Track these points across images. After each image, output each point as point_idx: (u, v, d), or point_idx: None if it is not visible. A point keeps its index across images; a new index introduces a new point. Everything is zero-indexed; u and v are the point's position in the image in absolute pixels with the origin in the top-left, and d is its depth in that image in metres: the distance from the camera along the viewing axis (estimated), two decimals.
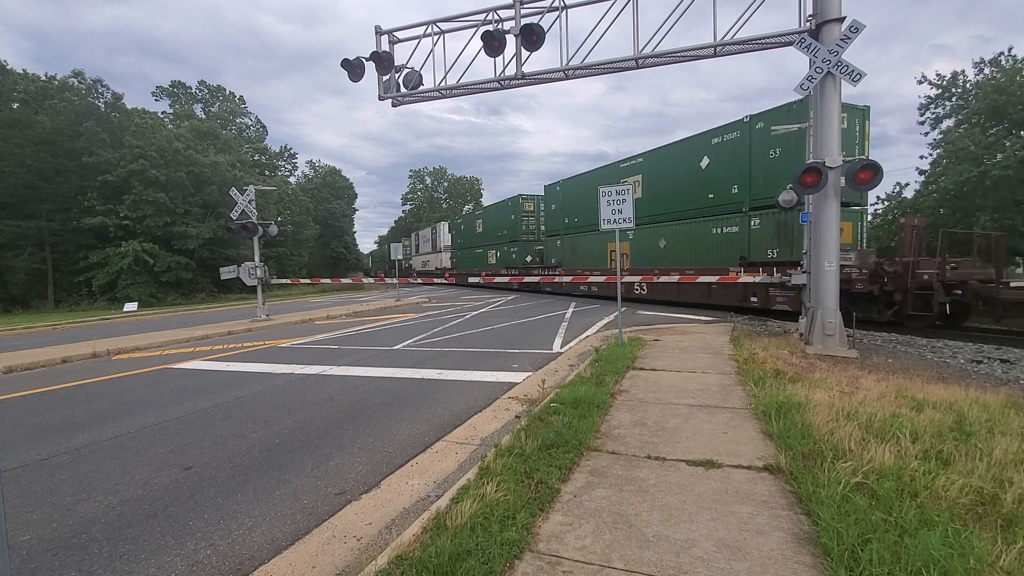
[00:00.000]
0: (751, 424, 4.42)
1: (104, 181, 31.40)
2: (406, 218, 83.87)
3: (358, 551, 2.89)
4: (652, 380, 6.18)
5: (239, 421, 5.50)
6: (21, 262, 29.33)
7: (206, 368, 8.74)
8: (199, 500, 3.64)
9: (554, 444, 3.89)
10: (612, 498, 3.13)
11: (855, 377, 5.91)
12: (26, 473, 4.26)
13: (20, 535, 3.22)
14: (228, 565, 2.85)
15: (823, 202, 7.92)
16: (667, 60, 9.08)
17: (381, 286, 39.36)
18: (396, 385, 6.94)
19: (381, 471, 4.07)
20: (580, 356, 8.29)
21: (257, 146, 52.01)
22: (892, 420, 4.05)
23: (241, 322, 15.77)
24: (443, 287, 35.09)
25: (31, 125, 29.39)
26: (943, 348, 8.84)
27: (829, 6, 7.68)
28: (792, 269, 10.36)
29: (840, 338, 7.93)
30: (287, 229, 40.46)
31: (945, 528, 2.45)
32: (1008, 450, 3.44)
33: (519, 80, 9.72)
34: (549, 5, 9.26)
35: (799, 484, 3.10)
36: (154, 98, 49.43)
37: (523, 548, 2.59)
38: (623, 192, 8.51)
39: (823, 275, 7.98)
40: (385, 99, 10.74)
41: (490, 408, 5.66)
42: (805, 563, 2.40)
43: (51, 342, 12.99)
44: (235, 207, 17.02)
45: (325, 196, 62.23)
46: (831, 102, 7.77)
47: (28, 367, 9.51)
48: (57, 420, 5.82)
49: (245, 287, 20.62)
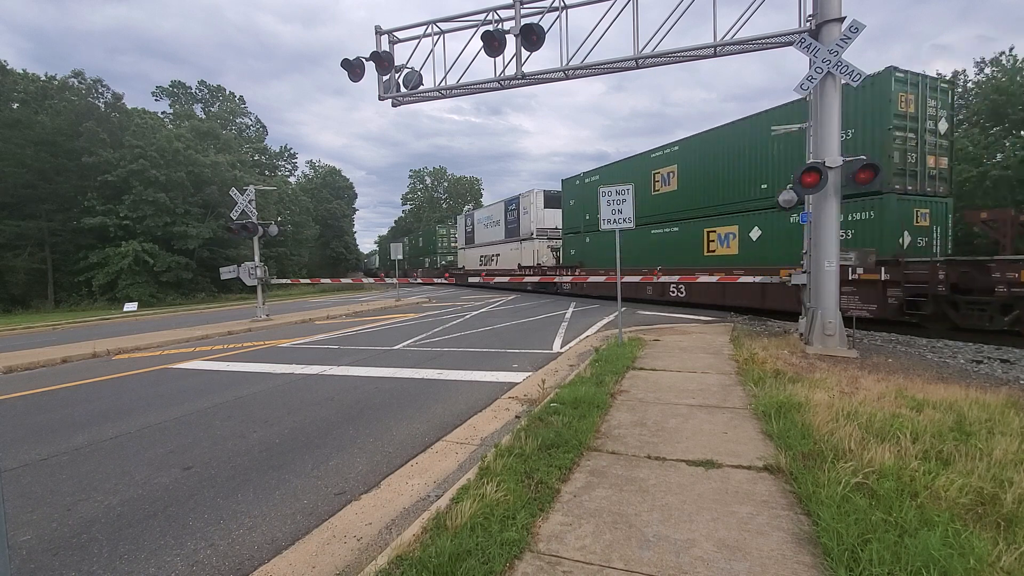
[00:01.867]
0: (751, 424, 4.42)
1: (104, 181, 31.40)
2: (406, 218, 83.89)
3: (358, 551, 2.89)
4: (652, 380, 6.18)
5: (239, 421, 5.50)
6: (21, 262, 29.32)
7: (206, 368, 8.74)
8: (199, 500, 3.64)
9: (554, 444, 3.89)
10: (612, 498, 3.13)
11: (855, 377, 5.91)
12: (26, 473, 4.26)
13: (20, 535, 3.22)
14: (228, 565, 2.85)
15: (823, 202, 7.93)
16: (667, 60, 9.08)
17: (381, 286, 39.35)
18: (396, 385, 6.94)
19: (381, 471, 4.07)
20: (580, 356, 8.29)
21: (257, 146, 52.01)
22: (892, 420, 4.05)
23: (241, 322, 15.77)
24: (443, 287, 35.11)
25: (31, 125, 29.38)
26: (943, 348, 8.85)
27: (829, 6, 7.68)
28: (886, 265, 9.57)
29: (840, 338, 7.94)
30: (287, 229, 40.47)
31: (945, 528, 2.45)
32: (1008, 450, 3.44)
33: (519, 80, 9.72)
34: (549, 5, 9.27)
35: (799, 484, 3.10)
36: (154, 98, 49.51)
37: (523, 548, 2.59)
38: (623, 192, 8.54)
39: (823, 275, 7.99)
40: (385, 99, 10.75)
41: (490, 408, 5.66)
42: (805, 563, 2.40)
43: (51, 342, 12.99)
44: (235, 207, 17.02)
45: (325, 196, 62.22)
46: (831, 102, 7.78)
47: (28, 367, 9.51)
48: (57, 420, 5.82)
49: (245, 287, 20.62)
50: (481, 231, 33.00)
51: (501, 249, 29.46)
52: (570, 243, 22.20)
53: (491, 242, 31.05)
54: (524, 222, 26.50)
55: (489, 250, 31.33)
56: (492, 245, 30.84)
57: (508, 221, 28.52)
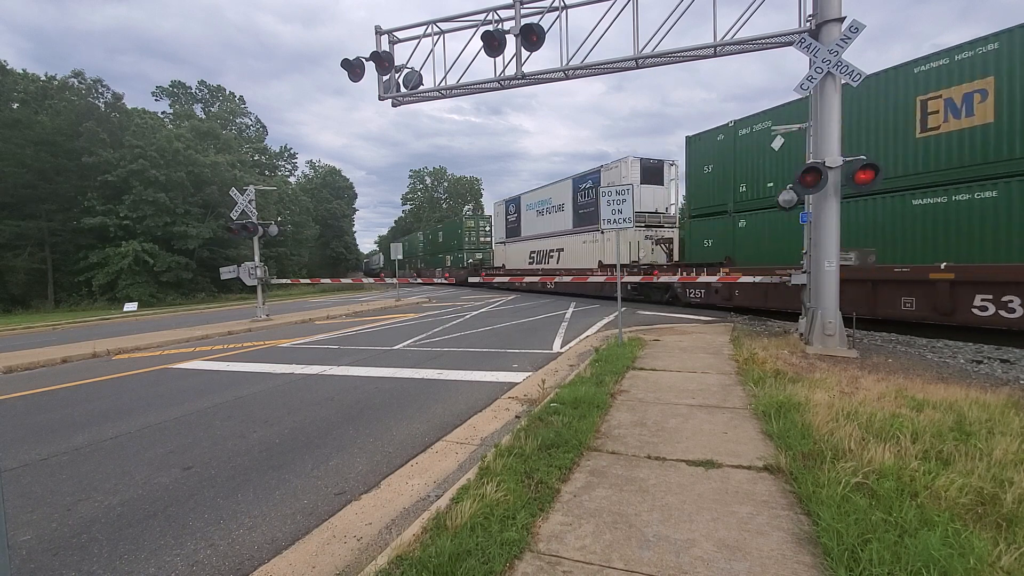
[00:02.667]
0: (751, 424, 4.42)
1: (104, 181, 31.43)
2: (406, 218, 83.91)
3: (358, 551, 2.89)
4: (652, 380, 6.18)
5: (239, 421, 5.50)
6: (21, 262, 29.33)
7: (206, 368, 8.74)
8: (199, 500, 3.64)
9: (554, 444, 3.89)
10: (612, 498, 3.13)
11: (855, 377, 5.91)
12: (26, 473, 4.26)
13: (20, 535, 3.22)
14: (228, 565, 2.85)
15: (823, 202, 7.93)
16: (667, 60, 9.08)
17: (381, 286, 39.36)
18: (396, 385, 6.94)
19: (381, 471, 4.07)
20: (580, 356, 8.29)
21: (257, 146, 52.03)
22: (892, 420, 4.05)
23: (241, 322, 15.76)
24: (443, 287, 35.12)
25: (31, 125, 29.40)
26: (943, 348, 8.84)
27: (829, 6, 7.68)
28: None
29: (840, 338, 7.94)
30: (287, 229, 40.46)
31: (945, 528, 2.45)
32: (1008, 450, 3.44)
33: (519, 80, 9.72)
34: (549, 5, 9.27)
35: (799, 484, 3.10)
36: (154, 98, 49.58)
37: (523, 548, 2.59)
38: (623, 192, 8.55)
39: (823, 275, 7.99)
40: (385, 99, 10.75)
41: (490, 408, 5.66)
42: (805, 563, 2.40)
43: (51, 342, 12.99)
44: (235, 207, 17.02)
45: (325, 196, 62.28)
46: (831, 102, 7.78)
47: (28, 367, 9.51)
48: (57, 420, 5.82)
49: (245, 287, 20.63)
50: (532, 220, 25.90)
51: (567, 242, 22.27)
52: (701, 230, 15.22)
53: (549, 233, 23.98)
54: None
55: (545, 244, 24.30)
56: (551, 237, 23.83)
57: (579, 205, 21.23)
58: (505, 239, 30.02)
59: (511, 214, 28.99)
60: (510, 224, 29.14)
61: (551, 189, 24.22)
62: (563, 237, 22.76)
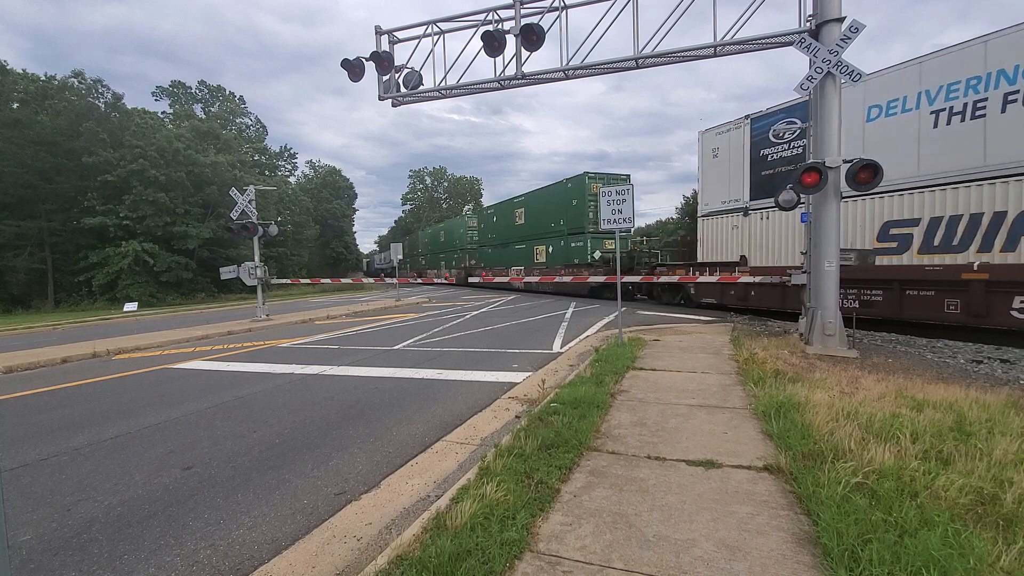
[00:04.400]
0: (751, 424, 4.42)
1: (104, 181, 31.38)
2: (406, 218, 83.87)
3: (358, 551, 2.89)
4: (652, 380, 6.18)
5: (239, 421, 5.50)
6: (21, 262, 29.32)
7: (206, 368, 8.74)
8: (199, 500, 3.64)
9: (554, 444, 3.89)
10: (612, 498, 3.13)
11: (855, 377, 5.91)
12: (26, 473, 4.26)
13: (20, 535, 3.22)
14: (228, 565, 2.85)
15: (823, 202, 7.92)
16: (667, 60, 9.08)
17: (381, 286, 39.36)
18: (396, 385, 6.94)
19: (381, 471, 4.07)
20: (580, 356, 8.29)
21: (257, 146, 51.97)
22: (892, 420, 4.05)
23: (241, 322, 15.76)
24: (443, 287, 35.14)
25: (31, 125, 29.38)
26: (943, 348, 8.84)
27: (829, 6, 7.68)
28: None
29: (840, 338, 7.93)
30: (287, 229, 40.46)
31: (945, 528, 2.45)
32: (1008, 450, 3.44)
33: (519, 80, 9.72)
34: (549, 5, 9.27)
35: (799, 484, 3.10)
36: (154, 98, 49.57)
37: (523, 548, 2.59)
38: (623, 192, 8.55)
39: (823, 275, 7.99)
40: (385, 99, 10.75)
41: (490, 408, 5.66)
42: (805, 563, 2.40)
43: (51, 342, 12.99)
44: (235, 207, 17.02)
45: (325, 196, 62.19)
46: (831, 102, 7.77)
47: (28, 367, 9.51)
48: (57, 420, 5.82)
49: (245, 287, 20.62)
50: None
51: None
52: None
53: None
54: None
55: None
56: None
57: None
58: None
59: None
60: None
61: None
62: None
